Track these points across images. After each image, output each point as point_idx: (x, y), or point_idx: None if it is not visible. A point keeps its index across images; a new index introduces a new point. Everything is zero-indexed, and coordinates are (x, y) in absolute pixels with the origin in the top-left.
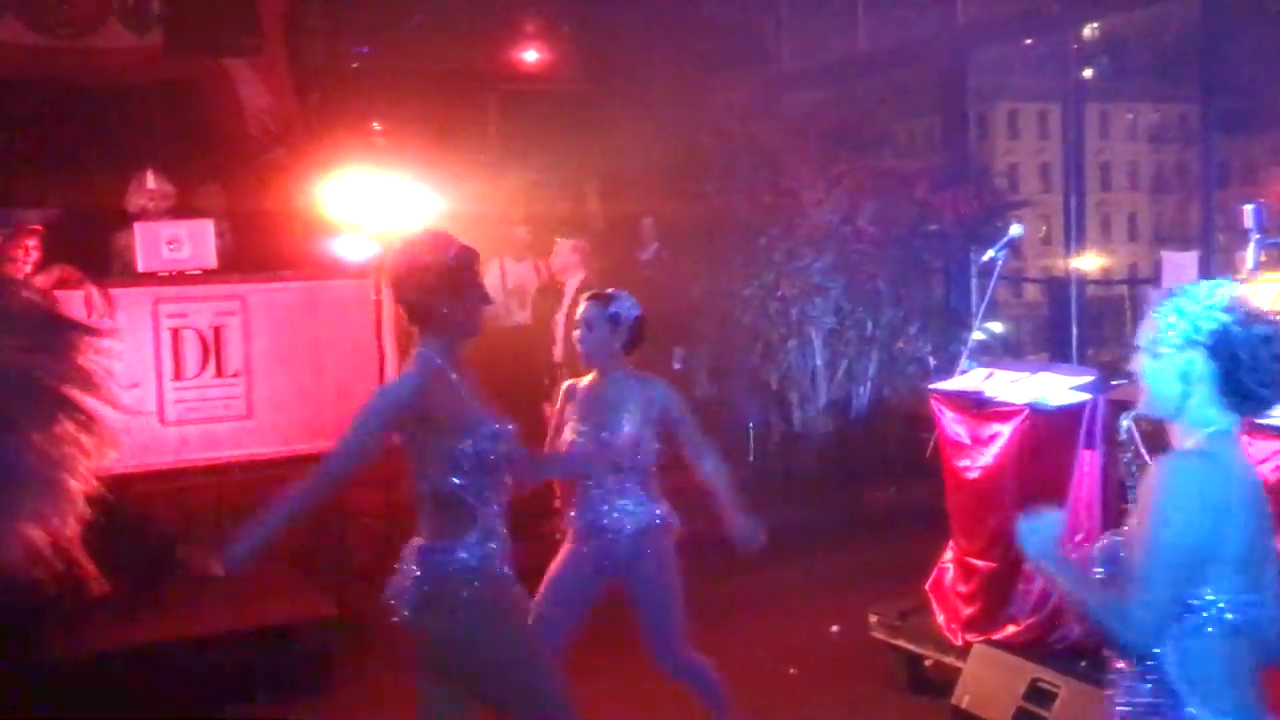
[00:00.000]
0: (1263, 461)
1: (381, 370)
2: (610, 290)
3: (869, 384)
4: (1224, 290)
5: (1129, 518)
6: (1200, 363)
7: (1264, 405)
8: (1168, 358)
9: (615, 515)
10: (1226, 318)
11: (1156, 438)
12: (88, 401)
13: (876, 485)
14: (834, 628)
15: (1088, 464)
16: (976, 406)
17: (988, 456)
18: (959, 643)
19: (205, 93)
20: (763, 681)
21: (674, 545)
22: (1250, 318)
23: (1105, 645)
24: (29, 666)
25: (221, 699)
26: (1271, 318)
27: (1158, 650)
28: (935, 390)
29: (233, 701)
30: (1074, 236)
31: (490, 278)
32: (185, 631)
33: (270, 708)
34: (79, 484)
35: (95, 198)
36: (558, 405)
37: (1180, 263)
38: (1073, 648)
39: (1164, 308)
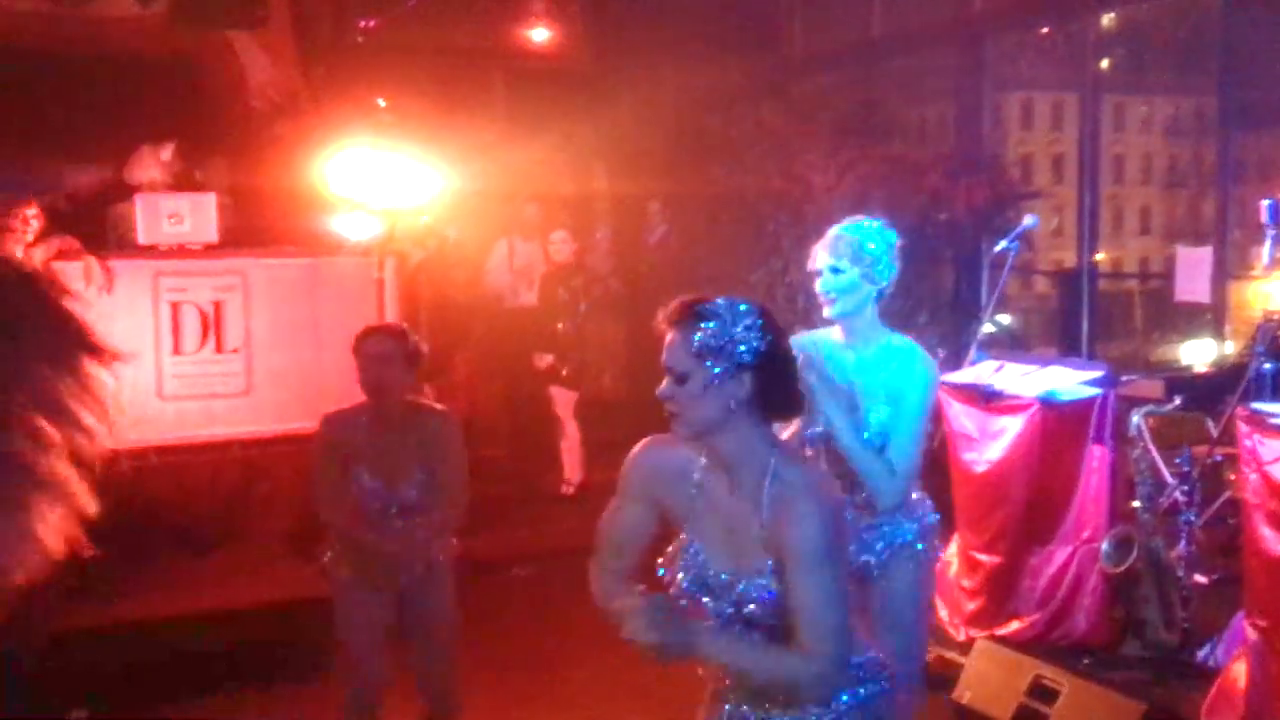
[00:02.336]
0: (1274, 461)
1: None
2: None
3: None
4: (749, 306)
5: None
6: (748, 383)
7: (793, 413)
8: (713, 383)
9: None
10: (769, 334)
11: (1166, 434)
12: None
13: None
14: None
15: (1096, 459)
16: (985, 399)
17: (996, 450)
18: (962, 638)
19: (209, 65)
20: None
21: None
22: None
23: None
24: (21, 641)
25: (217, 677)
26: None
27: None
28: (944, 382)
29: (227, 679)
30: (1086, 229)
31: (497, 257)
32: (181, 609)
33: (264, 686)
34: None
35: (95, 169)
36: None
37: (1194, 258)
38: (1076, 645)
39: (696, 335)
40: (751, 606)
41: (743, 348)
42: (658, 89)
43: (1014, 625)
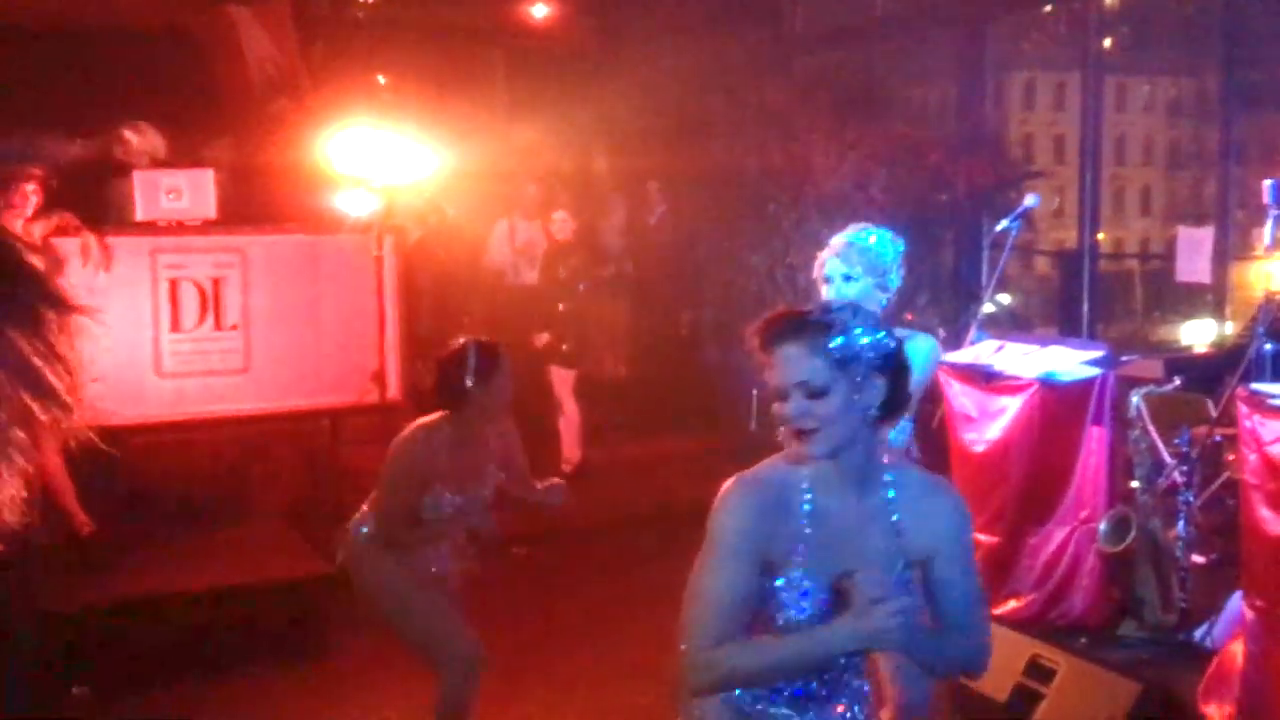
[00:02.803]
0: (1273, 442)
1: (381, 327)
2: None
3: None
4: (862, 309)
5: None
6: (884, 388)
7: (902, 413)
8: (856, 392)
9: None
10: (888, 333)
11: (1165, 415)
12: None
13: None
14: None
15: (1095, 439)
16: (985, 379)
17: (995, 430)
18: None
19: (208, 41)
20: None
21: None
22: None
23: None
24: (21, 618)
25: (218, 653)
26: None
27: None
28: (944, 362)
29: (229, 656)
30: (1088, 210)
31: (498, 236)
32: (182, 587)
33: (266, 663)
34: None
35: (93, 145)
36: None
37: (1196, 238)
38: (1073, 624)
39: (832, 346)
40: None
41: (873, 353)
42: (658, 68)
43: (1011, 605)
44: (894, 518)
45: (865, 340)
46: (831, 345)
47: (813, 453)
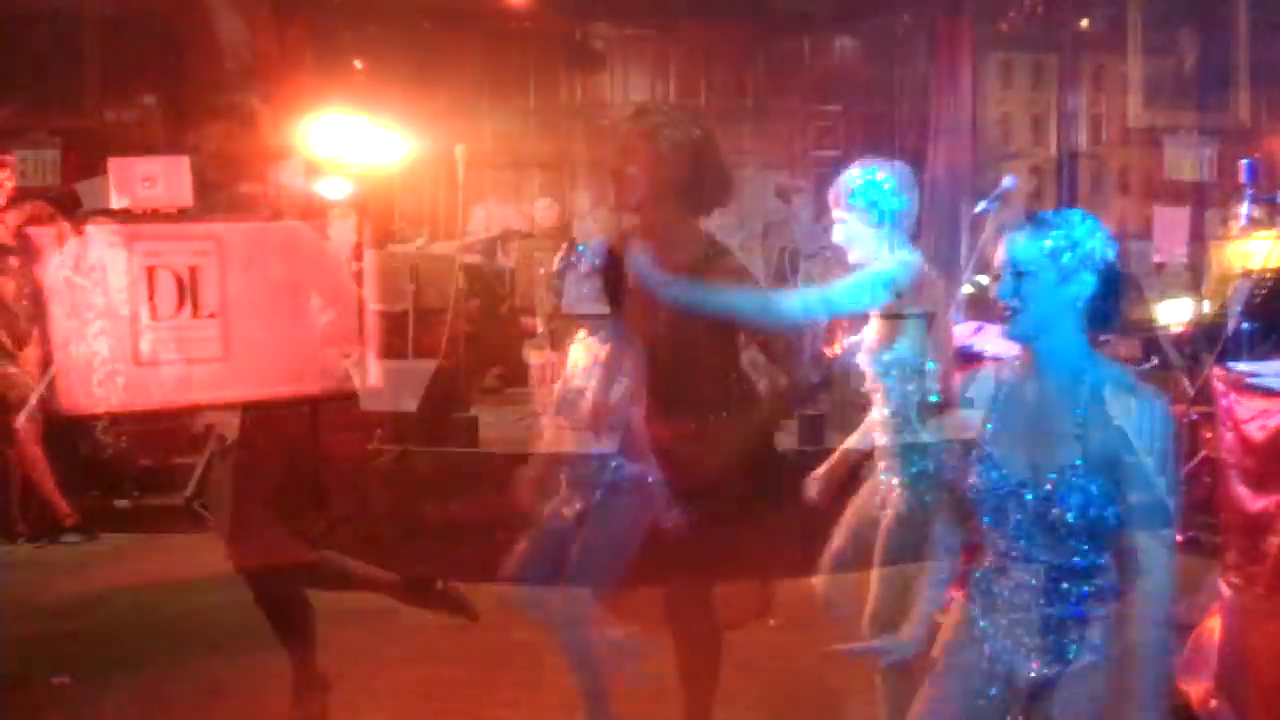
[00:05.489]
0: (1250, 420)
1: (361, 314)
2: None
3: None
4: (1095, 219)
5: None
6: (1091, 286)
7: (1112, 326)
8: (1062, 280)
9: None
10: (1113, 245)
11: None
12: None
13: None
14: (814, 579)
15: None
16: (963, 360)
17: None
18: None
19: (181, 25)
20: (741, 633)
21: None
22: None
23: None
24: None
25: (197, 642)
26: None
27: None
28: None
29: (207, 644)
30: (1065, 190)
31: (476, 221)
32: (161, 576)
33: (243, 652)
34: None
35: (63, 131)
36: None
37: (1172, 218)
38: None
39: (1051, 233)
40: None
41: (1085, 251)
42: (635, 50)
43: None
44: (1076, 412)
45: (1080, 240)
46: (1046, 237)
47: (1010, 332)
